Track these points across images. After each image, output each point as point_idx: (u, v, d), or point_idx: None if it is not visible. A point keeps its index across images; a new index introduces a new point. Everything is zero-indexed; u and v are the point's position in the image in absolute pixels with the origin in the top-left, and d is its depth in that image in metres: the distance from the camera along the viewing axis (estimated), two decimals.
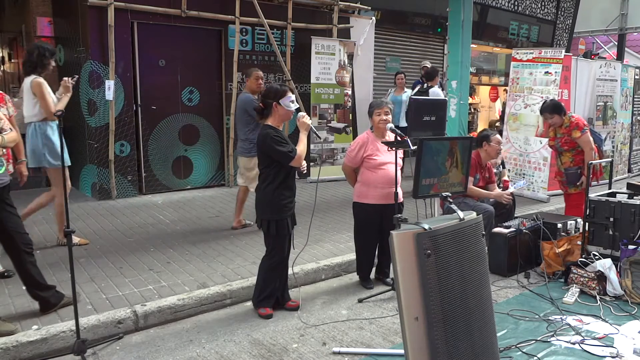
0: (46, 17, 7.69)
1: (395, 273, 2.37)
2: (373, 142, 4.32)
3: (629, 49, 16.34)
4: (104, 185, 6.93)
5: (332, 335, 3.57)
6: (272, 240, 3.80)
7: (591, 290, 4.21)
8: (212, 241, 5.24)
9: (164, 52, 7.26)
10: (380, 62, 10.29)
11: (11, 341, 3.19)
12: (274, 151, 3.61)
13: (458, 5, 6.23)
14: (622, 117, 9.63)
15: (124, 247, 5.03)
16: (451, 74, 6.48)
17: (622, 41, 12.48)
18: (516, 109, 7.78)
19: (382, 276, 4.53)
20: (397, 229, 3.01)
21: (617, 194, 4.74)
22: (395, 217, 3.84)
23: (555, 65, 7.36)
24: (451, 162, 4.18)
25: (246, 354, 3.31)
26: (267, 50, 8.09)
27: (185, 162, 7.64)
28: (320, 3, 8.58)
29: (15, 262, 3.55)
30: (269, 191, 3.72)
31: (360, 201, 4.34)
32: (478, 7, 11.81)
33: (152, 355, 3.30)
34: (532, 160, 7.59)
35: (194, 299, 3.90)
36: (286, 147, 3.61)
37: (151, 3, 6.92)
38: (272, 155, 3.64)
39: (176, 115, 7.46)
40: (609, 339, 3.50)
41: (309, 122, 3.73)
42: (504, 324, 3.69)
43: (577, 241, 4.73)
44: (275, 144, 3.60)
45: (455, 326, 2.38)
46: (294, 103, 3.72)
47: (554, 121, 5.47)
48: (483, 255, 2.62)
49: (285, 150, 3.59)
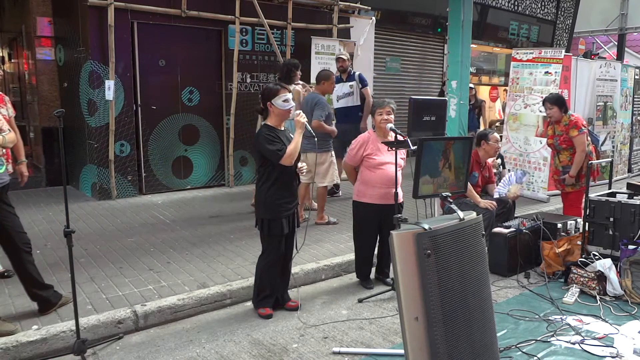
0: (46, 17, 7.69)
1: (395, 273, 2.38)
2: (374, 142, 4.32)
3: (629, 49, 16.35)
4: (104, 185, 6.93)
5: (332, 335, 3.57)
6: (266, 240, 3.81)
7: (591, 290, 4.21)
8: (212, 241, 5.24)
9: (164, 52, 7.26)
10: (380, 62, 10.29)
11: (11, 341, 3.19)
12: (265, 150, 3.63)
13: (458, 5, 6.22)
14: (622, 117, 9.64)
15: (124, 247, 5.03)
16: (451, 74, 6.48)
17: (622, 41, 12.48)
18: (516, 109, 7.78)
19: (382, 276, 4.53)
20: (397, 229, 3.01)
21: (617, 194, 4.74)
22: (395, 217, 3.84)
23: (555, 65, 7.36)
24: (444, 164, 4.18)
25: (246, 354, 3.31)
26: (267, 50, 8.09)
27: (185, 162, 7.64)
28: (320, 3, 8.57)
29: (15, 261, 3.55)
30: (263, 190, 3.74)
31: (359, 200, 4.35)
32: (478, 7, 11.81)
33: (152, 355, 3.30)
34: (532, 160, 7.59)
35: (194, 299, 3.90)
36: (276, 145, 3.61)
37: (151, 3, 6.92)
38: (263, 153, 3.67)
39: (176, 115, 7.47)
40: (609, 339, 3.50)
41: (304, 121, 3.73)
42: (504, 324, 3.69)
43: (577, 241, 4.73)
44: (266, 142, 3.62)
45: (455, 326, 2.38)
46: (288, 102, 3.71)
47: (552, 113, 5.46)
48: (483, 255, 2.62)
49: (274, 148, 3.60)
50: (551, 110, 5.46)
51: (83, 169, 7.22)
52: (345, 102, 7.25)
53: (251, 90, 7.98)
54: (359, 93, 7.24)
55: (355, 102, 7.23)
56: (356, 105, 7.25)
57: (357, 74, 7.28)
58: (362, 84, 7.23)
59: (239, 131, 7.83)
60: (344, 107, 7.27)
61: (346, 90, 7.27)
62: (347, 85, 7.26)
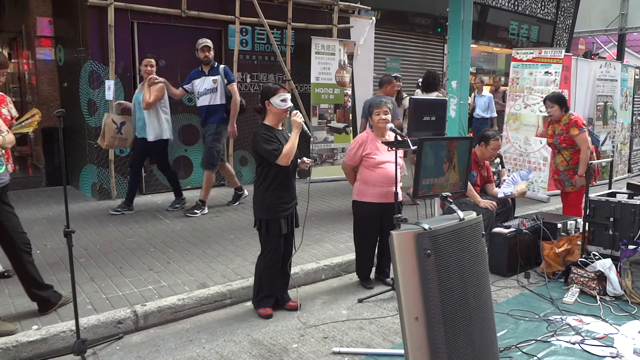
0: (46, 17, 7.69)
1: (395, 273, 2.37)
2: (372, 141, 4.32)
3: (629, 49, 16.34)
4: (104, 185, 6.93)
5: (332, 335, 3.57)
6: (264, 240, 3.81)
7: (591, 290, 4.21)
8: (212, 241, 5.24)
9: (164, 52, 7.25)
10: (380, 62, 10.28)
11: (11, 341, 3.19)
12: (261, 149, 3.63)
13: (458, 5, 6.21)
14: (622, 117, 9.64)
15: (124, 247, 5.03)
16: (451, 74, 6.46)
17: (622, 41, 12.47)
18: (516, 109, 7.78)
19: (382, 276, 4.53)
20: (397, 229, 3.01)
21: (617, 194, 4.74)
22: (395, 217, 3.84)
23: (555, 65, 7.36)
24: (449, 166, 4.19)
25: (246, 354, 3.31)
26: (267, 50, 8.09)
27: (185, 162, 7.64)
28: (320, 3, 8.58)
29: (14, 262, 3.55)
30: (261, 190, 3.74)
31: (359, 199, 4.35)
32: (478, 7, 11.81)
33: (152, 355, 3.30)
34: (532, 160, 7.59)
35: (194, 299, 3.90)
36: (272, 145, 3.61)
37: (151, 3, 6.92)
38: (260, 153, 3.67)
39: (176, 115, 7.45)
40: (609, 339, 3.50)
41: (301, 121, 3.72)
42: (504, 324, 3.69)
43: (577, 241, 4.72)
44: (263, 141, 3.62)
45: (455, 326, 2.38)
46: (286, 102, 3.71)
47: (552, 111, 5.47)
48: (483, 255, 2.62)
49: (270, 148, 3.60)
50: (552, 108, 5.46)
51: (83, 169, 7.22)
52: (207, 100, 6.22)
53: (251, 90, 7.98)
54: (224, 90, 6.27)
55: (219, 100, 6.23)
56: (221, 104, 6.26)
57: (223, 67, 6.31)
58: (228, 80, 6.28)
59: (238, 131, 7.77)
60: (206, 105, 6.24)
61: (208, 86, 6.21)
62: (210, 80, 6.21)
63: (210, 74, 6.25)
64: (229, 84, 6.27)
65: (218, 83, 6.21)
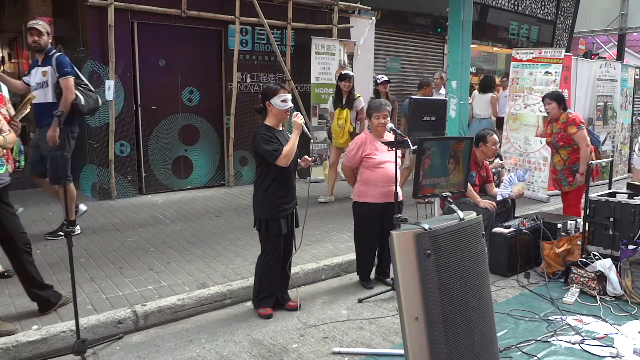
0: (46, 17, 7.68)
1: (395, 273, 2.38)
2: (371, 142, 4.33)
3: (629, 49, 16.33)
4: (104, 185, 6.93)
5: (332, 335, 3.57)
6: (264, 240, 3.81)
7: (591, 290, 4.21)
8: (212, 241, 5.24)
9: (164, 52, 7.26)
10: (380, 62, 10.28)
11: (11, 341, 3.19)
12: (261, 149, 3.64)
13: (458, 5, 6.22)
14: (622, 117, 9.64)
15: (124, 247, 5.03)
16: (451, 73, 6.47)
17: (622, 41, 12.47)
18: (516, 109, 7.78)
19: (382, 276, 4.53)
20: (397, 228, 3.01)
21: (617, 194, 4.74)
22: (395, 217, 3.84)
23: (555, 65, 7.36)
24: (455, 166, 4.19)
25: (246, 354, 3.31)
26: (267, 50, 8.09)
27: (185, 162, 7.64)
28: (320, 3, 8.57)
29: (15, 262, 3.55)
30: (261, 190, 3.74)
31: (360, 200, 4.35)
32: (478, 7, 11.80)
33: (152, 355, 3.30)
34: (532, 160, 7.59)
35: (194, 299, 3.90)
36: (272, 145, 3.61)
37: (151, 3, 6.92)
38: (260, 153, 3.68)
39: (176, 115, 7.46)
40: (609, 339, 3.50)
41: (301, 122, 3.72)
42: (504, 324, 3.69)
43: (577, 241, 4.73)
44: (262, 142, 3.62)
45: (455, 326, 2.38)
46: (286, 102, 3.71)
47: (550, 109, 5.47)
48: (483, 255, 2.62)
49: (270, 148, 3.60)
50: (550, 105, 5.47)
51: (83, 169, 7.21)
52: (41, 97, 4.84)
53: (251, 90, 7.98)
54: (55, 84, 4.86)
55: (50, 97, 4.87)
56: (53, 102, 4.85)
57: (56, 56, 4.85)
58: (60, 72, 4.81)
59: (239, 131, 7.84)
60: (38, 103, 4.81)
61: (39, 80, 4.88)
62: (41, 72, 4.87)
63: (43, 64, 4.89)
64: (60, 77, 4.82)
65: (48, 76, 4.84)
